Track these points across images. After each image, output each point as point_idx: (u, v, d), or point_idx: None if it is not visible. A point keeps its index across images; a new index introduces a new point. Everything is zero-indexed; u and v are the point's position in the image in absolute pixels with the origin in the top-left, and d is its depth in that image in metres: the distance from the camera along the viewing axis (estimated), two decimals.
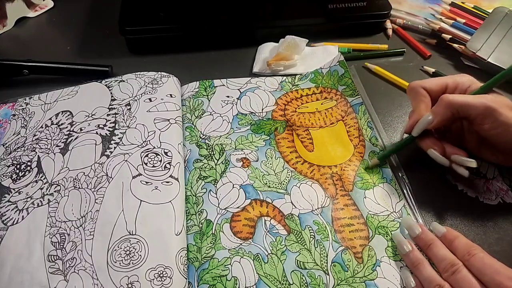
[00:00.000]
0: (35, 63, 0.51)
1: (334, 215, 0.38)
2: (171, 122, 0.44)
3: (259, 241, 0.37)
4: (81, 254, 0.35)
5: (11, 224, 0.37)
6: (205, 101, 0.48)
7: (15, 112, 0.47)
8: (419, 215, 0.38)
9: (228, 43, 0.56)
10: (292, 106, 0.48)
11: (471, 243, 0.33)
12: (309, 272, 0.35)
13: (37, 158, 0.42)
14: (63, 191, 0.39)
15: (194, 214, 0.39)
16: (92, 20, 0.62)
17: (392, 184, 0.41)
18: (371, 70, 0.53)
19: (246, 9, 0.57)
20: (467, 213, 0.39)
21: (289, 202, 0.39)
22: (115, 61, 0.53)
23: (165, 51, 0.56)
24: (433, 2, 0.61)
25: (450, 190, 0.41)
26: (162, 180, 0.39)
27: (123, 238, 0.35)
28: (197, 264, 0.36)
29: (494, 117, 0.35)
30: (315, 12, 0.56)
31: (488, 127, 0.36)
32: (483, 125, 0.36)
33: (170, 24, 0.54)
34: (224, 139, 0.45)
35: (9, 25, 0.60)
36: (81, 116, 0.45)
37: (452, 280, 0.32)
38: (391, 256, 0.36)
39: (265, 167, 0.42)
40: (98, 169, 0.40)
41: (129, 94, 0.47)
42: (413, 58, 0.55)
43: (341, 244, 0.37)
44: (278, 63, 0.52)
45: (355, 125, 0.46)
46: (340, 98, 0.48)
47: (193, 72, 0.52)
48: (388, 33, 0.58)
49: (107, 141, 0.42)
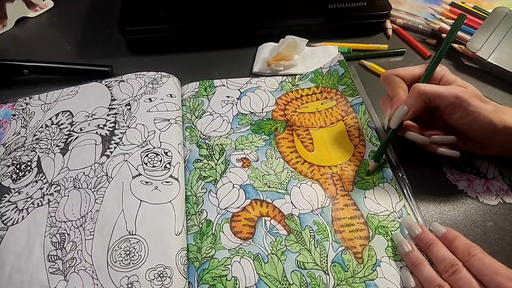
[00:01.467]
0: (35, 63, 0.51)
1: (334, 215, 0.38)
2: (171, 122, 0.44)
3: (259, 241, 0.37)
4: (81, 254, 0.35)
5: (11, 224, 0.37)
6: (205, 101, 0.48)
7: (15, 112, 0.47)
8: (419, 215, 0.38)
9: (228, 43, 0.56)
10: (292, 106, 0.48)
11: (471, 243, 0.33)
12: (309, 272, 0.35)
13: (37, 158, 0.42)
14: (63, 191, 0.39)
15: (194, 214, 0.39)
16: (92, 20, 0.62)
17: (392, 184, 0.41)
18: (371, 69, 0.53)
19: (246, 9, 0.57)
20: (467, 213, 0.39)
21: (289, 202, 0.39)
22: (115, 61, 0.53)
23: (165, 51, 0.56)
24: (433, 2, 0.61)
25: (450, 190, 0.41)
26: (162, 180, 0.39)
27: (123, 238, 0.35)
28: (197, 264, 0.36)
29: (463, 106, 0.36)
30: (315, 12, 0.56)
31: (457, 117, 0.37)
32: (453, 115, 0.37)
33: (170, 24, 0.54)
34: (224, 139, 0.45)
35: (9, 25, 0.60)
36: (81, 116, 0.45)
37: (452, 280, 0.32)
38: (391, 256, 0.36)
39: (265, 167, 0.42)
40: (98, 169, 0.40)
41: (129, 94, 0.47)
42: (413, 58, 0.55)
43: (341, 244, 0.37)
44: (278, 63, 0.52)
45: (355, 125, 0.46)
46: (340, 98, 0.48)
47: (193, 72, 0.52)
48: (388, 33, 0.58)
49: (107, 141, 0.42)
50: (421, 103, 0.38)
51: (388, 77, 0.41)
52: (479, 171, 0.42)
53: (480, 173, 0.42)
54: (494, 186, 0.41)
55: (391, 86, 0.41)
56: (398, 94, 0.40)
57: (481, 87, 0.50)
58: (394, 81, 0.41)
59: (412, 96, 0.38)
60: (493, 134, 0.37)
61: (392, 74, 0.41)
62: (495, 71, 0.51)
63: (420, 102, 0.38)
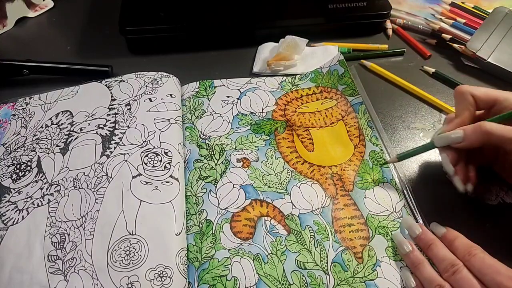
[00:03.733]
0: (35, 63, 0.51)
1: (334, 215, 0.38)
2: (171, 122, 0.44)
3: (259, 241, 0.37)
4: (81, 254, 0.35)
5: (11, 224, 0.37)
6: (205, 101, 0.48)
7: (15, 112, 0.47)
8: (419, 215, 0.38)
9: (228, 43, 0.56)
10: (292, 106, 0.48)
11: (471, 243, 0.33)
12: (309, 272, 0.35)
13: (37, 158, 0.42)
14: (63, 191, 0.39)
15: (194, 214, 0.39)
16: (92, 20, 0.62)
17: (392, 184, 0.41)
18: (371, 70, 0.53)
19: (246, 9, 0.57)
20: (467, 213, 0.39)
21: (289, 202, 0.39)
22: (115, 61, 0.53)
23: (165, 51, 0.56)
24: (433, 2, 0.61)
25: (450, 190, 0.41)
26: (162, 180, 0.39)
27: (123, 238, 0.35)
28: (197, 264, 0.36)
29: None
30: (315, 12, 0.56)
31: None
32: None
33: (170, 24, 0.54)
34: (224, 139, 0.45)
35: (9, 25, 0.60)
36: (81, 116, 0.45)
37: (453, 280, 0.32)
38: (391, 256, 0.36)
39: (265, 167, 0.42)
40: (98, 169, 0.40)
41: (129, 94, 0.47)
42: (413, 58, 0.55)
43: (341, 244, 0.37)
44: (278, 63, 0.52)
45: (355, 124, 0.46)
46: (340, 98, 0.48)
47: (193, 72, 0.52)
48: (388, 33, 0.58)
49: (107, 141, 0.42)
50: (480, 141, 0.34)
51: (462, 94, 0.37)
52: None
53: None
54: (494, 186, 0.41)
55: (460, 105, 0.38)
56: (463, 115, 0.37)
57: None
58: (465, 100, 0.37)
59: (474, 131, 0.34)
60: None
61: (467, 93, 0.37)
62: (495, 71, 0.51)
63: (480, 140, 0.34)
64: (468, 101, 0.37)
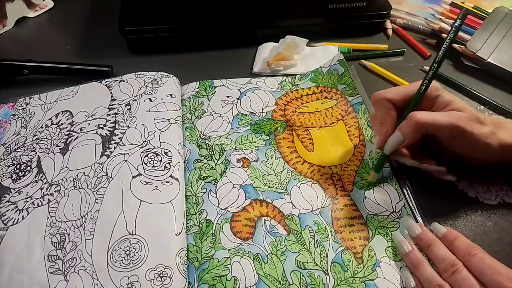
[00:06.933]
0: (35, 63, 0.51)
1: (334, 215, 0.38)
2: (171, 122, 0.44)
3: (259, 241, 0.37)
4: (81, 254, 0.35)
5: (11, 224, 0.37)
6: (205, 101, 0.48)
7: (15, 112, 0.47)
8: (419, 215, 0.38)
9: (228, 43, 0.56)
10: (292, 106, 0.48)
11: (471, 244, 0.33)
12: (309, 272, 0.35)
13: (37, 158, 0.42)
14: (63, 191, 0.39)
15: (194, 214, 0.39)
16: (92, 20, 0.62)
17: (392, 184, 0.41)
18: (371, 69, 0.53)
19: (246, 9, 0.57)
20: (467, 213, 0.39)
21: (289, 202, 0.39)
22: (115, 61, 0.53)
23: (165, 51, 0.56)
24: (433, 2, 0.61)
25: (450, 190, 0.41)
26: (162, 180, 0.39)
27: (123, 238, 0.35)
28: (197, 264, 0.36)
29: (461, 135, 0.35)
30: (315, 12, 0.56)
31: (455, 144, 0.37)
32: (451, 142, 0.37)
33: (170, 24, 0.54)
34: (224, 139, 0.45)
35: (9, 25, 0.60)
36: (81, 116, 0.45)
37: (452, 281, 0.32)
38: (391, 256, 0.36)
39: (265, 167, 0.42)
40: (98, 169, 0.40)
41: (129, 94, 0.47)
42: (413, 58, 0.55)
43: (341, 244, 0.37)
44: (278, 63, 0.52)
45: (355, 124, 0.46)
46: (340, 98, 0.48)
47: (193, 72, 0.52)
48: (388, 33, 0.58)
49: (107, 141, 0.42)
50: (417, 133, 0.36)
51: (378, 101, 0.39)
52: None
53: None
54: (494, 186, 0.41)
55: (380, 112, 0.39)
56: (386, 122, 0.38)
57: (481, 87, 0.50)
58: (383, 106, 0.38)
59: (408, 126, 0.36)
60: (491, 154, 0.37)
61: (383, 99, 0.38)
62: (495, 71, 0.51)
63: (417, 133, 0.36)
64: (386, 106, 0.38)
